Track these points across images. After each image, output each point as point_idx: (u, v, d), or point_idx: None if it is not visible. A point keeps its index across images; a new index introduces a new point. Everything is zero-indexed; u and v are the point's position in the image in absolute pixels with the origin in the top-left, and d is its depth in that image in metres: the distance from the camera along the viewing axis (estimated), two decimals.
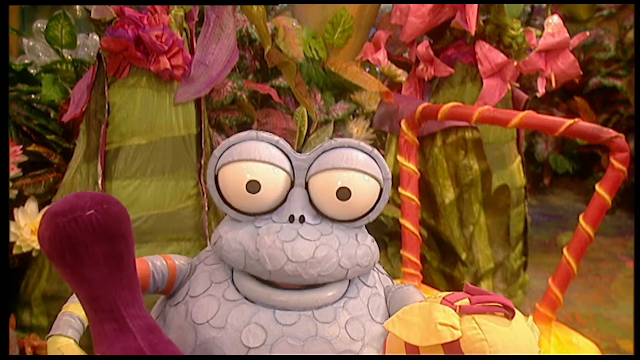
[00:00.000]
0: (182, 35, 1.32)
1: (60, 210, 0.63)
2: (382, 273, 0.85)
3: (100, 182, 1.28)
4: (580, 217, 1.09)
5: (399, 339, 0.66)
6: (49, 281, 1.33)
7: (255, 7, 1.39)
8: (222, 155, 0.78)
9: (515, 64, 1.55)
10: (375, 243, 0.82)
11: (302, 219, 0.76)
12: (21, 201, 1.34)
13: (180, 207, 1.32)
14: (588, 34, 1.68)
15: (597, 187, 1.07)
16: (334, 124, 1.74)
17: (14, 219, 1.30)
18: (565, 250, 1.11)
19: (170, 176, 1.32)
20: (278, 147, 0.79)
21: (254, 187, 0.76)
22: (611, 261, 2.15)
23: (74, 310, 0.75)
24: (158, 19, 1.26)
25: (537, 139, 2.89)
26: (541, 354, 1.02)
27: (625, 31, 2.82)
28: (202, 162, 1.34)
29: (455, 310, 0.64)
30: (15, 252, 1.29)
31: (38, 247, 1.29)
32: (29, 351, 1.25)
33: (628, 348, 1.55)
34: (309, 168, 0.78)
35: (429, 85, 1.65)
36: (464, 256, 1.60)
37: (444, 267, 1.63)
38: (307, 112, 1.65)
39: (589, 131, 1.06)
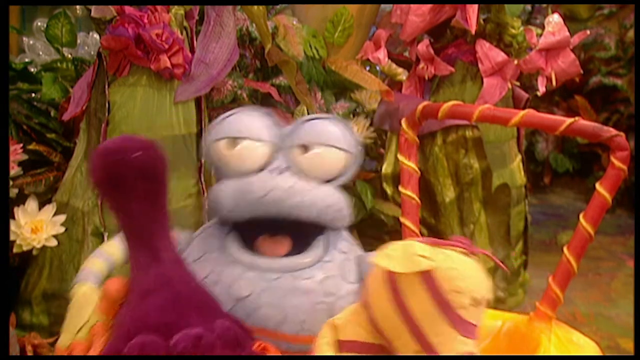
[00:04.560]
0: (182, 33, 1.32)
1: (111, 149, 0.73)
2: (353, 244, 0.96)
3: None
4: (581, 216, 1.08)
5: (380, 272, 0.74)
6: (49, 280, 1.33)
7: (255, 5, 1.39)
8: (216, 128, 0.91)
9: (516, 62, 1.55)
10: (347, 201, 0.94)
11: (285, 169, 0.89)
12: (21, 200, 1.33)
13: (180, 205, 1.32)
14: (588, 32, 1.68)
15: (597, 185, 1.07)
16: None
17: (14, 218, 1.30)
18: (565, 249, 1.11)
19: (170, 175, 1.29)
20: (266, 118, 0.92)
21: None
22: (611, 260, 2.15)
23: (92, 266, 0.88)
24: (158, 18, 1.26)
25: (537, 138, 2.88)
26: (541, 354, 1.02)
27: (626, 30, 2.81)
28: (202, 161, 1.34)
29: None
30: (15, 250, 1.29)
31: (38, 245, 1.29)
32: (29, 350, 1.25)
33: (628, 347, 1.55)
34: (292, 137, 0.91)
35: (429, 84, 1.65)
36: None
37: None
38: (308, 111, 1.65)
39: (589, 130, 1.05)
